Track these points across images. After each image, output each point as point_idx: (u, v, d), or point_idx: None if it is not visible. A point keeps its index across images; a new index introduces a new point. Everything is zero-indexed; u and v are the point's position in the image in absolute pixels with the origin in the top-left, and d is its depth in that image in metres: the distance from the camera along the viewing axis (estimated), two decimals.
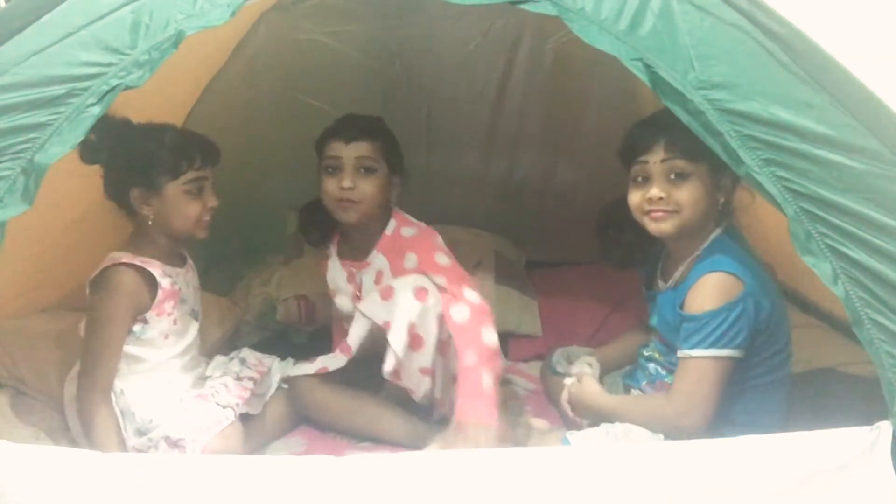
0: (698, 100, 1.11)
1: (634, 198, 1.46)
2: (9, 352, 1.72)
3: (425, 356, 1.62)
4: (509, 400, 1.83)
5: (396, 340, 1.59)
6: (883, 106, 1.12)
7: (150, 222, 1.58)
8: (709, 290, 1.38)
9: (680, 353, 1.40)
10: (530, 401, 1.88)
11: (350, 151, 1.70)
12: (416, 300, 1.60)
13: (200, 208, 1.59)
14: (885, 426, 1.12)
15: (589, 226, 1.70)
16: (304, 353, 1.90)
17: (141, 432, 1.54)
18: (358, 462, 1.17)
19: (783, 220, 1.13)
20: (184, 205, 1.58)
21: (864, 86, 1.12)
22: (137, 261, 1.55)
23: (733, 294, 1.36)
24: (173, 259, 1.65)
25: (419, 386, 1.65)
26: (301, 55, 2.11)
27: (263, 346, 1.89)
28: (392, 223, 1.77)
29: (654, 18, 1.12)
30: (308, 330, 2.18)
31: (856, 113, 1.10)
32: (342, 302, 1.84)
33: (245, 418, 1.64)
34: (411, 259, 1.71)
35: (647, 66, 1.12)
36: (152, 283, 1.57)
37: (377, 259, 1.76)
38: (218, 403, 1.58)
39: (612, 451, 1.25)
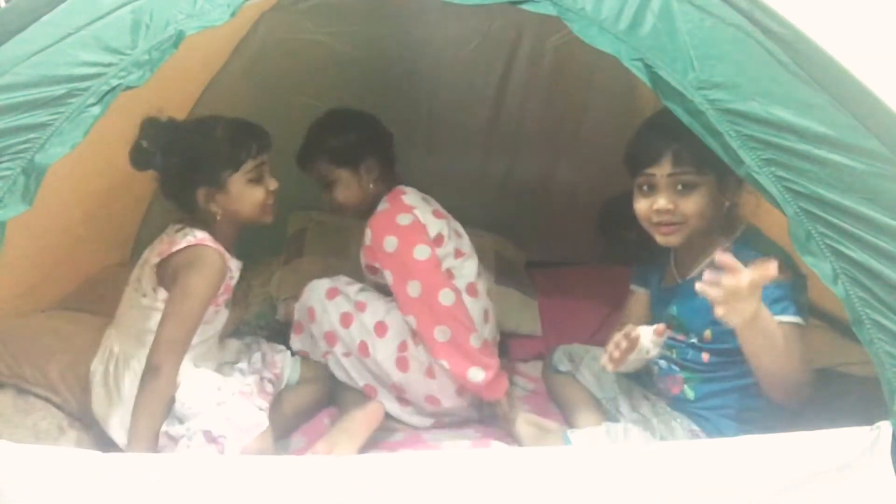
0: (698, 100, 1.11)
1: (641, 207, 1.46)
2: (10, 350, 1.72)
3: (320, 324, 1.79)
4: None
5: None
6: (882, 105, 1.13)
7: (218, 218, 1.59)
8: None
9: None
10: (530, 401, 1.88)
11: None
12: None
13: (264, 194, 1.61)
14: (885, 426, 1.12)
15: (589, 225, 1.70)
16: None
17: (179, 420, 1.49)
18: (358, 462, 1.18)
19: (783, 220, 1.14)
20: (248, 194, 1.60)
21: (865, 86, 1.13)
22: (220, 247, 1.57)
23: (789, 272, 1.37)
24: (231, 250, 1.66)
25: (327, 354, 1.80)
26: (301, 55, 2.11)
27: None
28: (384, 202, 1.81)
29: (654, 18, 1.12)
30: None
31: (856, 113, 1.10)
32: None
33: None
34: (367, 235, 1.77)
35: (647, 66, 1.12)
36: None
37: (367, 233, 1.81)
38: (255, 405, 1.56)
39: (613, 451, 1.26)
